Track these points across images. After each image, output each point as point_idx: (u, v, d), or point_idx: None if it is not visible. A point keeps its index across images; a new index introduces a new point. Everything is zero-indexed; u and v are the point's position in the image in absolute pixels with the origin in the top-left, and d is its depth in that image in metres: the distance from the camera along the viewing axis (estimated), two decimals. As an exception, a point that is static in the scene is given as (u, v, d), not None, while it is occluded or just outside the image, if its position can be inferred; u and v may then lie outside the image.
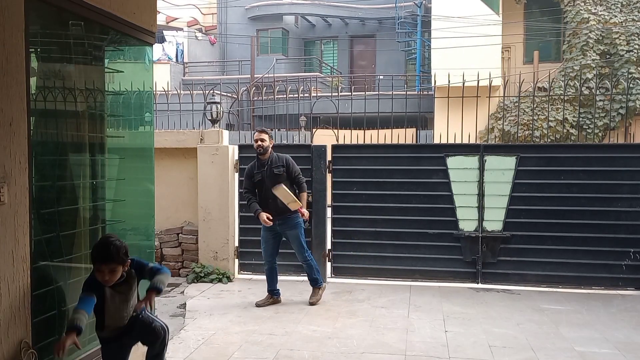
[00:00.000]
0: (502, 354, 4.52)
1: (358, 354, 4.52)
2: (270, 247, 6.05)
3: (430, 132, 13.64)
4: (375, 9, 21.64)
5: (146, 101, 4.39)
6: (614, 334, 5.04)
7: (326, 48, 24.22)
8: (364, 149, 7.29)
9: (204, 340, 4.84)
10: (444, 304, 5.99)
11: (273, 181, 5.81)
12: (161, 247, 7.33)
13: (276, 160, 5.92)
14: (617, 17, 14.39)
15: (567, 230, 6.65)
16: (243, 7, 23.00)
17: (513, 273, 6.77)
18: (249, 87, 13.30)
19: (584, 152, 6.80)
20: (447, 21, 14.41)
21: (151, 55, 4.33)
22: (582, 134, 12.73)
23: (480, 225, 6.82)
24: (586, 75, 13.84)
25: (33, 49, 3.12)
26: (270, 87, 11.90)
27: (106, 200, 3.88)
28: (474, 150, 6.89)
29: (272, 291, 6.06)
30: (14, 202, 2.79)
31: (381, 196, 6.96)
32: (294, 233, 5.95)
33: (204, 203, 7.18)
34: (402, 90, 10.51)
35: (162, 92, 8.25)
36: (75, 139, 3.62)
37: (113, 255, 2.91)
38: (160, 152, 6.55)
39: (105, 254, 2.92)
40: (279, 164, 5.90)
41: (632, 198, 6.57)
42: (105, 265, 2.92)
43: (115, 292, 3.05)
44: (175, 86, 15.75)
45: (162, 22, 20.61)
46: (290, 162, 5.97)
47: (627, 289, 6.56)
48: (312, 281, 6.08)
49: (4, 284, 2.74)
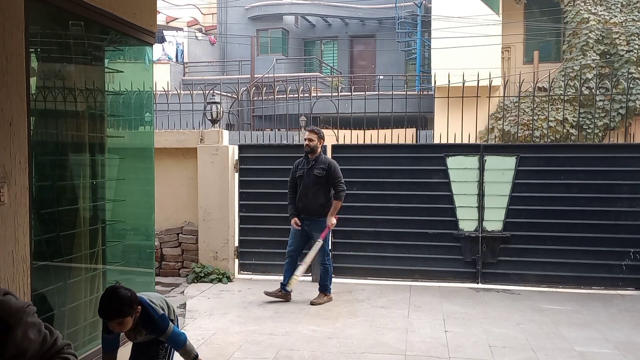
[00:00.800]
0: (502, 354, 4.52)
1: (358, 354, 4.52)
2: (295, 243, 6.14)
3: (430, 132, 13.63)
4: (375, 9, 21.63)
5: (146, 101, 4.39)
6: (614, 334, 5.04)
7: (326, 48, 24.21)
8: (364, 149, 7.29)
9: (204, 340, 4.84)
10: (444, 304, 5.99)
11: (312, 180, 5.91)
12: (161, 247, 7.33)
13: (321, 162, 5.98)
14: (617, 17, 14.38)
15: (567, 230, 6.66)
16: (243, 7, 22.99)
17: (513, 273, 6.78)
18: (249, 87, 13.30)
19: (584, 152, 6.81)
20: (447, 21, 14.40)
21: (151, 55, 4.34)
22: (582, 134, 12.72)
23: (480, 225, 6.82)
24: (586, 75, 13.83)
25: (33, 49, 3.12)
26: (270, 87, 11.90)
27: (106, 200, 3.88)
28: (474, 150, 6.89)
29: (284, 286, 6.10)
30: (14, 202, 2.79)
31: (381, 196, 6.96)
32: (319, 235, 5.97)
33: (204, 203, 7.18)
34: (402, 90, 10.51)
35: (162, 92, 8.25)
36: (75, 139, 3.62)
37: (117, 311, 2.76)
38: (160, 152, 6.55)
39: (109, 310, 2.77)
40: (321, 165, 5.95)
41: (632, 198, 6.57)
42: (110, 322, 2.80)
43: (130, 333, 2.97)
44: (175, 86, 15.75)
45: (162, 22, 20.61)
46: (333, 166, 5.96)
47: (627, 289, 6.56)
48: (322, 286, 6.10)
49: (4, 284, 2.74)
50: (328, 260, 6.07)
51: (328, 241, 6.06)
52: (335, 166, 5.99)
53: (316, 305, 5.94)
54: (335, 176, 5.93)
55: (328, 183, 5.94)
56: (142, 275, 4.40)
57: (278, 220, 7.18)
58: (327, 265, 6.06)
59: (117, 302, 2.74)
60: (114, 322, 2.76)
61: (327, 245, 6.07)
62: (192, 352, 3.09)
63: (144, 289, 4.12)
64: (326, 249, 6.05)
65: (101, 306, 2.76)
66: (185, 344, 3.05)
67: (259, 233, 7.29)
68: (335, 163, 6.04)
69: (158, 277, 7.08)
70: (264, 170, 7.30)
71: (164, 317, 2.98)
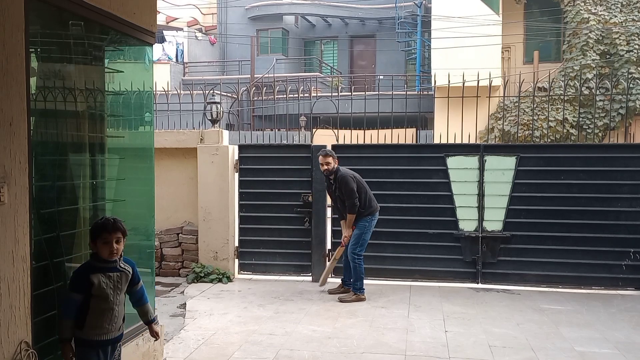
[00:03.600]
0: (502, 354, 4.52)
1: (358, 354, 4.52)
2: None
3: (430, 132, 13.65)
4: (375, 9, 21.64)
5: (146, 101, 4.39)
6: (614, 334, 5.04)
7: (326, 48, 24.22)
8: (364, 149, 7.29)
9: (204, 340, 4.84)
10: (444, 304, 5.99)
11: (339, 198, 6.24)
12: (161, 247, 7.33)
13: (337, 180, 6.19)
14: (617, 17, 14.38)
15: (567, 230, 6.65)
16: (243, 7, 23.00)
17: (513, 273, 6.78)
18: (249, 87, 13.31)
19: (584, 152, 6.81)
20: (447, 21, 14.40)
21: (151, 55, 4.33)
22: (582, 134, 12.73)
23: (480, 225, 6.82)
24: (586, 75, 13.83)
25: (33, 49, 3.12)
26: (270, 87, 11.90)
27: (106, 200, 3.88)
28: (474, 150, 6.89)
29: (344, 281, 6.45)
30: (14, 202, 2.79)
31: (381, 196, 6.94)
32: (356, 232, 6.18)
33: (204, 203, 7.18)
34: (402, 90, 10.51)
35: (162, 92, 8.25)
36: (75, 139, 3.62)
37: (118, 224, 3.04)
38: (160, 152, 6.55)
39: (111, 222, 3.03)
40: (337, 184, 6.19)
41: (632, 198, 6.57)
42: (113, 235, 3.00)
43: (110, 280, 3.00)
44: (175, 86, 15.76)
45: (162, 22, 20.62)
46: (343, 182, 6.13)
47: (627, 289, 6.56)
48: (352, 285, 6.23)
49: (4, 284, 2.74)
50: (358, 259, 6.18)
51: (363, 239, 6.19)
52: (345, 182, 6.11)
53: (318, 306, 5.94)
54: (345, 190, 6.11)
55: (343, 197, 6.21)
56: (142, 275, 4.37)
57: (278, 220, 7.18)
58: (356, 263, 6.17)
59: (121, 222, 3.07)
60: (116, 235, 3.00)
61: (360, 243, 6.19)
62: (152, 312, 3.36)
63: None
64: (359, 245, 6.18)
65: (106, 221, 3.05)
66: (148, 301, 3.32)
67: (259, 233, 7.28)
68: (344, 177, 6.12)
69: (158, 277, 7.09)
70: (264, 170, 7.30)
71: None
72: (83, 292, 2.96)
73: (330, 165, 6.18)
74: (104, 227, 3.02)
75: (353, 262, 6.15)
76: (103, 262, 3.02)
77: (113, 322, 3.04)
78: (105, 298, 2.99)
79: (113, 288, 3.02)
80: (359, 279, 6.16)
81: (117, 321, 3.07)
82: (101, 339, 3.02)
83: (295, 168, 7.17)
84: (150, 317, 3.32)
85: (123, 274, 3.08)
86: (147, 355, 4.04)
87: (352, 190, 6.08)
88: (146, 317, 3.31)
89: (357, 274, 6.15)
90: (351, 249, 6.18)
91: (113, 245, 2.99)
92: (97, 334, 3.00)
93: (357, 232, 6.18)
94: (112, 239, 2.99)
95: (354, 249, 6.16)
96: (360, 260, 6.17)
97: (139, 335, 3.92)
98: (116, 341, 3.13)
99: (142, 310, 3.29)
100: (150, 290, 4.39)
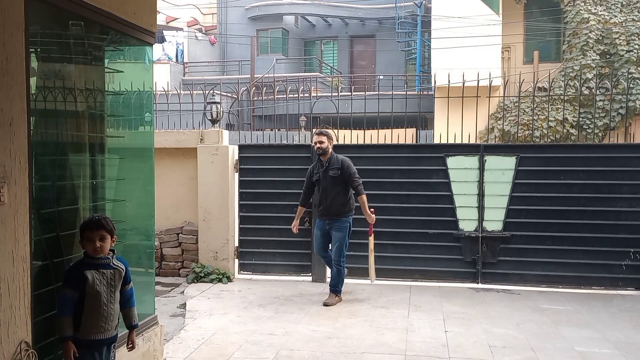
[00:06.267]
0: (502, 354, 4.52)
1: (358, 354, 4.52)
2: (319, 244, 6.21)
3: (430, 132, 13.63)
4: (375, 9, 21.64)
5: (146, 101, 4.39)
6: (614, 334, 5.04)
7: (326, 48, 24.21)
8: (364, 148, 7.29)
9: (204, 340, 4.84)
10: (444, 304, 5.99)
11: (329, 182, 5.96)
12: (161, 247, 7.33)
13: (333, 162, 5.99)
14: (617, 17, 14.38)
15: (567, 230, 6.66)
16: (243, 7, 23.00)
17: (513, 273, 6.78)
18: (249, 87, 13.31)
19: (584, 152, 6.81)
20: (447, 21, 14.40)
21: (151, 55, 4.33)
22: (582, 134, 12.73)
23: (480, 225, 6.82)
24: (586, 75, 13.83)
25: (33, 49, 3.12)
26: (270, 87, 11.90)
27: (106, 200, 3.87)
28: (474, 150, 6.89)
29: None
30: (14, 202, 2.79)
31: (381, 196, 6.95)
32: (339, 235, 6.01)
33: (204, 203, 7.18)
34: (402, 90, 10.51)
35: (162, 92, 8.25)
36: (75, 139, 3.62)
37: (102, 222, 3.05)
38: (160, 152, 6.55)
39: (95, 220, 3.07)
40: (335, 165, 5.96)
41: (632, 198, 6.57)
42: (95, 232, 3.02)
43: (103, 277, 3.01)
44: (175, 86, 15.75)
45: (162, 22, 20.62)
46: (346, 164, 5.96)
47: (627, 289, 6.56)
48: (333, 286, 6.09)
49: (4, 284, 2.74)
50: (343, 262, 6.06)
51: (346, 242, 6.06)
52: (348, 164, 5.98)
53: (318, 306, 5.93)
54: (349, 173, 5.93)
55: (345, 182, 5.97)
56: (142, 275, 4.39)
57: (278, 220, 7.18)
58: (341, 267, 6.05)
59: (105, 218, 3.11)
60: (99, 233, 3.02)
61: (345, 247, 6.05)
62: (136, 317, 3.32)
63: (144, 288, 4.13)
64: (343, 250, 6.04)
65: (89, 219, 3.10)
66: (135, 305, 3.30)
67: (259, 233, 7.29)
68: (347, 160, 6.02)
69: (158, 277, 7.09)
70: (264, 170, 7.30)
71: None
72: (77, 288, 2.96)
73: (324, 145, 5.96)
74: (86, 225, 3.06)
75: (338, 266, 6.03)
76: (94, 259, 3.04)
77: (109, 320, 3.05)
78: (99, 295, 3.00)
79: (107, 285, 3.04)
80: (342, 282, 6.10)
81: (112, 319, 3.08)
82: (97, 339, 3.03)
83: (296, 168, 7.16)
84: (134, 322, 3.28)
85: (116, 272, 3.10)
86: (147, 355, 4.05)
87: (356, 171, 5.96)
88: (129, 320, 3.26)
89: (339, 279, 6.05)
90: (335, 259, 6.03)
91: (96, 242, 3.01)
92: (93, 333, 3.01)
93: (341, 235, 6.00)
94: (96, 237, 3.01)
95: (338, 261, 6.02)
96: (345, 263, 6.08)
97: (139, 336, 3.92)
98: (111, 342, 3.13)
99: (127, 313, 3.25)
100: (150, 290, 4.40)
